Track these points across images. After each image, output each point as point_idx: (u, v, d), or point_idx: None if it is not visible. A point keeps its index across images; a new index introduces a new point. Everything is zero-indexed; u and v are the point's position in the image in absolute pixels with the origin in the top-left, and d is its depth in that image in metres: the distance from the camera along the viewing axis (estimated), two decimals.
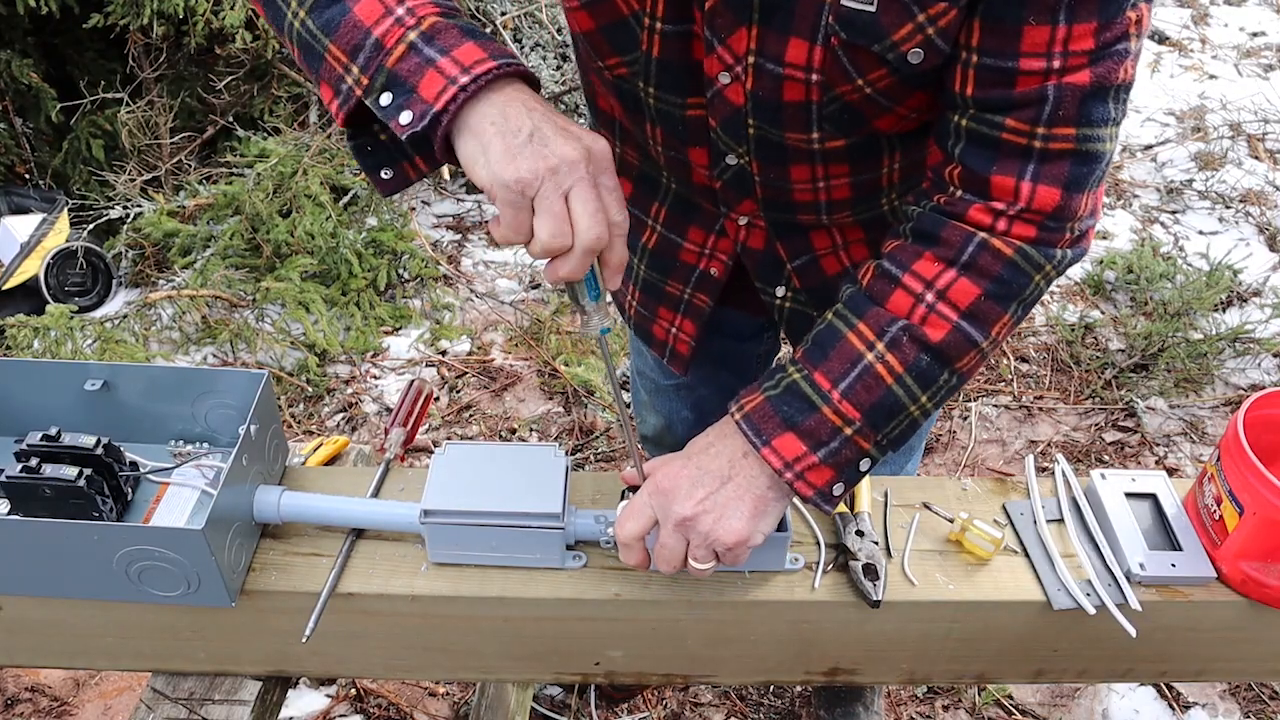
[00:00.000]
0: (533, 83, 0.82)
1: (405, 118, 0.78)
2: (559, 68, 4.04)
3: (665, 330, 1.40)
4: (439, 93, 0.77)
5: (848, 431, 0.92)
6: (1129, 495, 1.11)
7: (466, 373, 3.02)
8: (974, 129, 0.90)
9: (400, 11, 0.81)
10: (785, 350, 1.43)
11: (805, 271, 1.22)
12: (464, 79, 0.77)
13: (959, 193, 0.92)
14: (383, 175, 0.88)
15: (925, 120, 1.01)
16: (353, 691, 2.12)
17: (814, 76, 0.93)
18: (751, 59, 0.94)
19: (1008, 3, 0.83)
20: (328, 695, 2.12)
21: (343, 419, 2.87)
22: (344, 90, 0.81)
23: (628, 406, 2.82)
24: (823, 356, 0.93)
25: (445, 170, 3.49)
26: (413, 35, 0.79)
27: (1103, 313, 3.19)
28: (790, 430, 0.92)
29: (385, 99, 0.79)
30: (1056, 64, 0.84)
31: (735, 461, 0.94)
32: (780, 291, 1.26)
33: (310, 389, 2.92)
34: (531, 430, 2.82)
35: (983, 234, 0.90)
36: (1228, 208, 3.67)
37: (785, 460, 0.92)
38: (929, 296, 0.91)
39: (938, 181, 0.95)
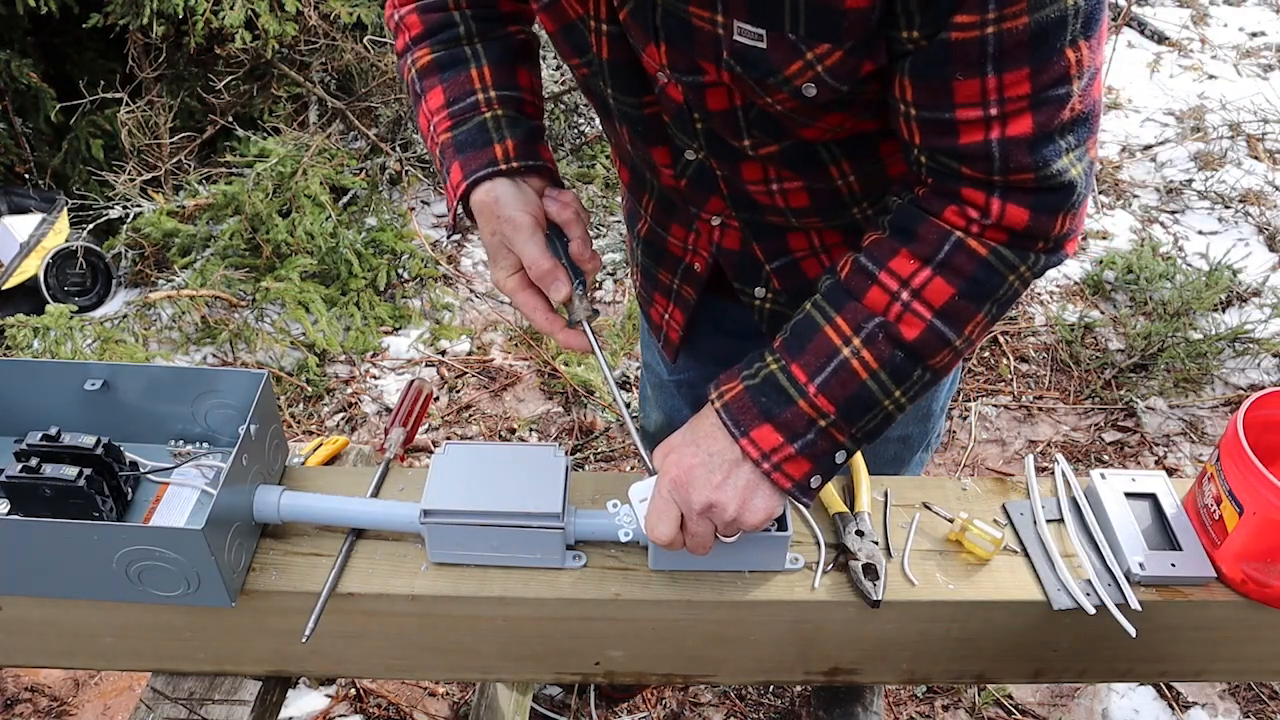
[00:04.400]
0: (506, 172, 1.02)
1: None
2: (559, 67, 4.05)
3: (660, 315, 1.42)
4: (450, 207, 1.08)
5: (822, 424, 0.93)
6: (1129, 495, 1.11)
7: (466, 373, 3.02)
8: (934, 166, 0.91)
9: (432, 131, 1.07)
10: None
11: (785, 273, 1.23)
12: (453, 204, 1.06)
13: (936, 191, 0.93)
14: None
15: (861, 131, 1.02)
16: (352, 691, 2.12)
17: (731, 87, 0.95)
18: (668, 70, 0.97)
19: (931, 60, 0.83)
20: (327, 695, 2.12)
21: (342, 419, 2.87)
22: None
23: (628, 406, 2.81)
24: (800, 349, 0.95)
25: None
26: (437, 151, 1.07)
27: (1102, 313, 3.19)
28: (768, 422, 0.93)
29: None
30: (994, 112, 0.84)
31: (741, 454, 0.95)
32: (760, 293, 1.26)
33: (310, 389, 2.92)
34: (531, 430, 2.82)
35: (958, 234, 0.91)
36: (1227, 208, 3.67)
37: (763, 451, 0.93)
38: (904, 295, 0.92)
39: (917, 176, 0.96)
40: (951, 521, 1.09)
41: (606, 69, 1.02)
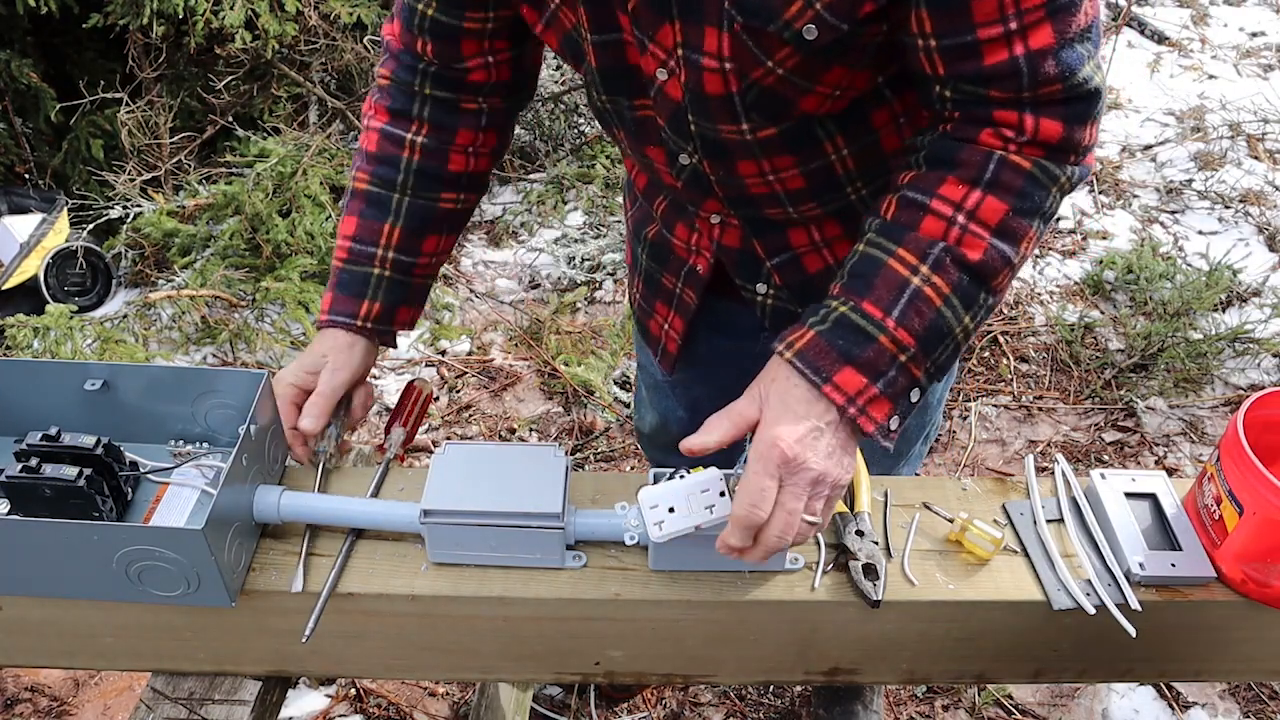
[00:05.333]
0: (354, 328, 1.18)
1: None
2: (558, 67, 4.05)
3: (659, 326, 1.42)
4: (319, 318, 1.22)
5: (903, 359, 0.92)
6: (1129, 495, 1.11)
7: (466, 373, 3.02)
8: (959, 98, 0.92)
9: (337, 245, 1.21)
10: None
11: (785, 269, 1.23)
12: (320, 318, 1.21)
13: (966, 120, 0.94)
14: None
15: (856, 99, 1.03)
16: (352, 691, 2.12)
17: (727, 65, 0.96)
18: (680, 51, 0.97)
19: None
20: (328, 695, 2.12)
21: None
22: None
23: (626, 406, 2.80)
24: (868, 287, 0.93)
25: None
26: (333, 262, 1.22)
27: (1102, 313, 3.19)
28: (849, 364, 0.91)
29: None
30: (1014, 26, 0.86)
31: (832, 408, 0.92)
32: (761, 289, 1.26)
33: None
34: (531, 430, 2.82)
35: (999, 152, 0.92)
36: (1227, 208, 3.67)
37: (848, 395, 0.91)
38: (960, 218, 0.91)
39: (936, 118, 0.97)
40: (951, 521, 1.09)
41: (598, 76, 1.05)
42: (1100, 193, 3.79)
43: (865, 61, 0.97)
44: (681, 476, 1.00)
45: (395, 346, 1.26)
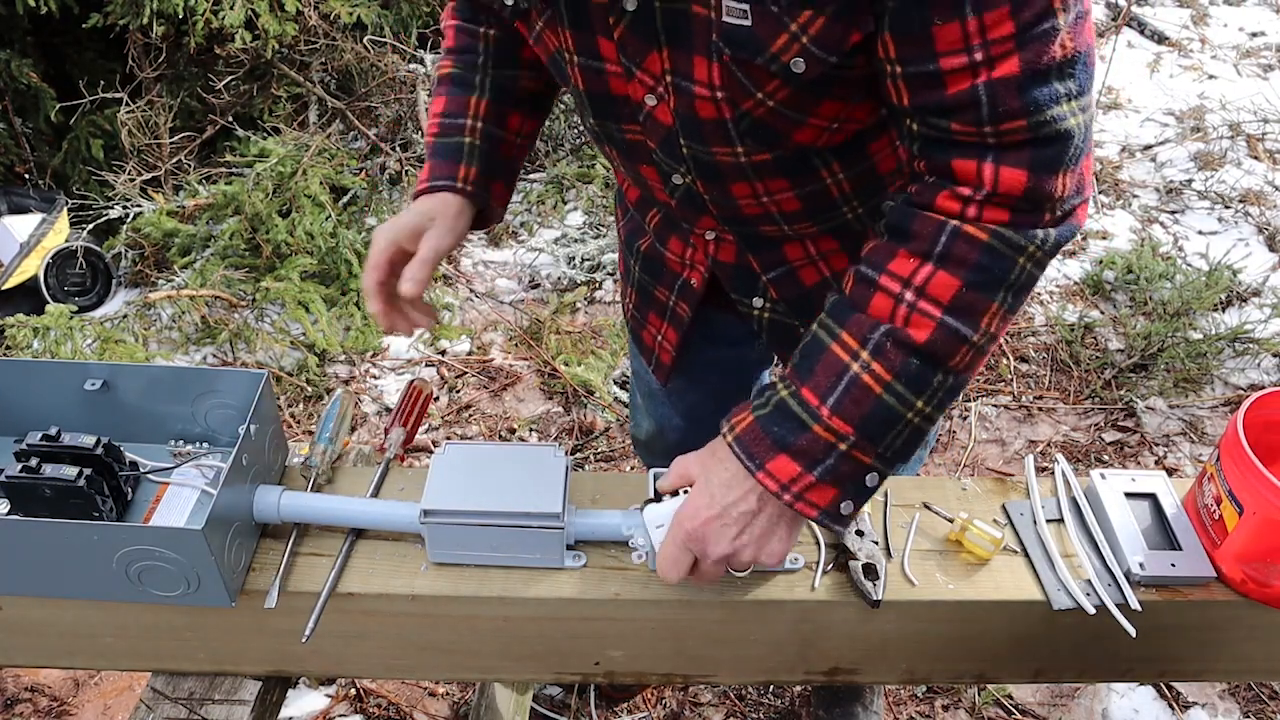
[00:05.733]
0: (456, 190, 1.13)
1: None
2: None
3: (653, 337, 1.41)
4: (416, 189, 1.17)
5: (842, 447, 0.89)
6: (1129, 495, 1.11)
7: (466, 373, 3.02)
8: (925, 132, 0.88)
9: (428, 124, 1.20)
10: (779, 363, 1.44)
11: (781, 283, 1.22)
12: (419, 190, 1.16)
13: (928, 178, 0.90)
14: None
15: (856, 131, 1.01)
16: (352, 691, 2.12)
17: (719, 94, 0.94)
18: (669, 78, 0.96)
19: (909, 9, 0.81)
20: (328, 695, 2.12)
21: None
22: None
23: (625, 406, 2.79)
24: (809, 371, 0.91)
25: None
26: (426, 142, 1.20)
27: (1102, 313, 3.19)
28: (783, 452, 0.90)
29: None
30: (979, 56, 0.81)
31: (761, 494, 0.92)
32: (758, 303, 1.26)
33: (310, 389, 2.92)
34: (531, 430, 2.82)
35: (954, 221, 0.86)
36: (1227, 208, 3.67)
37: (781, 483, 0.90)
38: (908, 295, 0.87)
39: (911, 174, 0.94)
40: (951, 521, 1.09)
41: (585, 98, 1.05)
42: (1100, 193, 3.79)
43: (858, 95, 0.94)
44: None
45: (500, 220, 1.21)
